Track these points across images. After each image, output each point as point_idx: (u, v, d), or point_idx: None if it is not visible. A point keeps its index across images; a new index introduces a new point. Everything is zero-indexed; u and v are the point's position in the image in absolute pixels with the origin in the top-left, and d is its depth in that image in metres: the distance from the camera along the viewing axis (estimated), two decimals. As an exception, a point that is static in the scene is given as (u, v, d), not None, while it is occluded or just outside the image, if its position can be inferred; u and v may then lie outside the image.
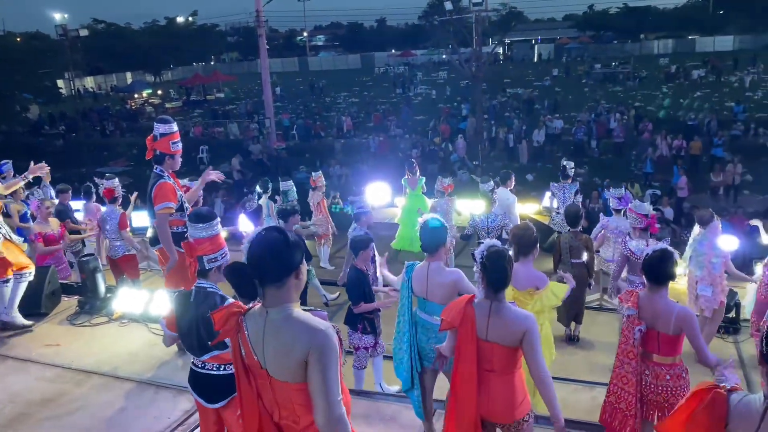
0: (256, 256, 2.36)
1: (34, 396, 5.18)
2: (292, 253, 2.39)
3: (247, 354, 2.48)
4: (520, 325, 3.20)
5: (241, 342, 2.49)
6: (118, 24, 57.56)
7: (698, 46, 57.57)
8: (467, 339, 3.29)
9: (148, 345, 6.11)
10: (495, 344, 3.25)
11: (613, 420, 3.76)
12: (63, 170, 23.65)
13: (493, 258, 3.25)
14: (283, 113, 32.70)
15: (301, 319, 2.38)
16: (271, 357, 2.40)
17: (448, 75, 49.62)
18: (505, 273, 3.25)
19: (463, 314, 3.30)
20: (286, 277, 2.38)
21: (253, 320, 2.46)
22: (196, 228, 3.56)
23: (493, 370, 3.29)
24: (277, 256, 2.36)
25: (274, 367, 2.41)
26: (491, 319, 3.25)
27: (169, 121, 5.43)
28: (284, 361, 2.36)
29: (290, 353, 2.33)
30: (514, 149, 23.30)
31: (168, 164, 5.41)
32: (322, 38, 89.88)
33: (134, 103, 43.11)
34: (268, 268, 2.35)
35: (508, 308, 3.28)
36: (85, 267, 6.96)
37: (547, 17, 78.59)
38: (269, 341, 2.39)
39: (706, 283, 5.88)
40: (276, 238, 2.38)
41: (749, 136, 22.91)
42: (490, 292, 3.27)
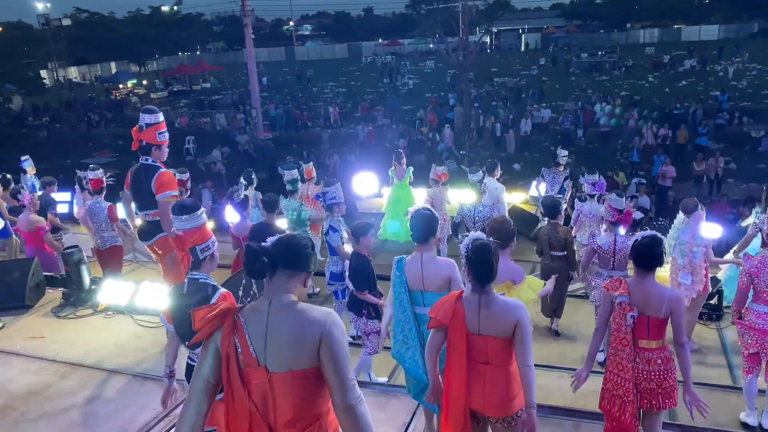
0: (283, 242, 2.48)
1: (18, 389, 5.15)
2: (311, 257, 2.54)
3: (244, 351, 2.44)
4: (512, 315, 3.20)
5: (239, 340, 2.45)
6: (101, 13, 56.79)
7: (684, 35, 57.85)
8: (458, 335, 3.27)
9: (133, 336, 6.10)
10: (489, 337, 3.24)
11: (612, 407, 3.81)
12: (47, 162, 23.45)
13: (479, 252, 3.23)
14: (269, 103, 32.53)
15: (307, 306, 2.48)
16: (275, 348, 2.40)
17: (435, 64, 49.55)
18: (491, 266, 3.23)
19: (452, 311, 3.26)
20: (300, 272, 2.49)
21: (252, 315, 2.46)
22: (180, 220, 3.54)
23: (488, 363, 3.29)
24: (301, 249, 2.50)
25: (278, 356, 2.40)
26: (482, 312, 3.23)
27: (155, 111, 5.38)
28: (294, 347, 2.38)
29: (302, 338, 2.37)
30: (502, 139, 23.34)
31: (155, 155, 5.36)
32: (309, 27, 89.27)
33: (119, 94, 42.73)
34: (288, 254, 2.46)
35: (498, 299, 3.26)
36: (69, 259, 6.92)
37: (534, 6, 78.57)
38: (274, 331, 2.40)
39: (686, 271, 5.94)
40: (304, 238, 2.55)
41: (733, 125, 23.10)
42: (477, 285, 3.25)
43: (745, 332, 4.60)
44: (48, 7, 34.83)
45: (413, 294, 4.13)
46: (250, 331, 2.43)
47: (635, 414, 3.70)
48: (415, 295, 4.13)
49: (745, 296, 4.61)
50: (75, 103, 36.12)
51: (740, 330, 4.66)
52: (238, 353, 2.45)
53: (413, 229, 4.11)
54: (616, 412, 3.77)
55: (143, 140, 5.32)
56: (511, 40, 65.95)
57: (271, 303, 2.44)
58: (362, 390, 2.54)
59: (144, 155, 5.36)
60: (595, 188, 7.47)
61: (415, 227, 4.09)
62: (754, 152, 20.25)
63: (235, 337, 2.45)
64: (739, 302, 4.64)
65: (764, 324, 4.47)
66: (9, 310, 6.68)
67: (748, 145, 20.80)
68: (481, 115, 26.05)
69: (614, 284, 3.79)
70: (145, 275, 7.75)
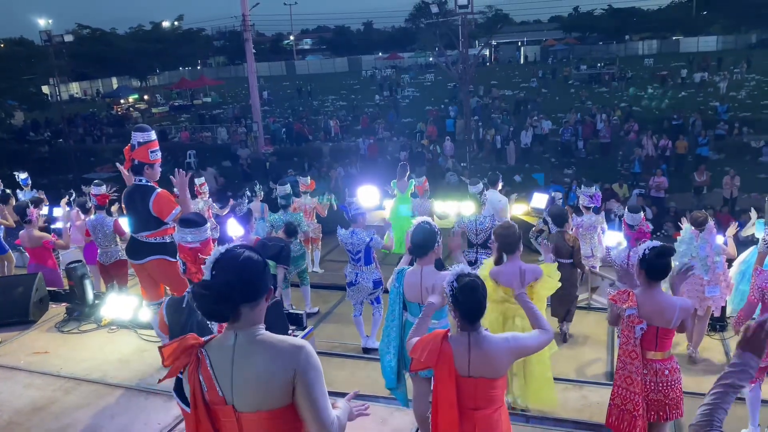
0: (230, 275, 2.17)
1: (22, 404, 5.13)
2: (267, 274, 2.29)
3: (210, 389, 2.22)
4: (506, 353, 3.03)
5: (203, 377, 2.23)
6: (103, 29, 57.05)
7: (682, 46, 58.08)
8: (445, 379, 3.01)
9: (137, 351, 6.08)
10: (479, 379, 3.00)
11: (621, 423, 3.76)
12: (49, 177, 23.52)
13: (467, 291, 2.99)
14: (270, 117, 32.64)
15: (277, 339, 2.22)
16: (242, 386, 2.18)
17: (435, 77, 49.75)
18: (480, 305, 3.00)
19: (438, 353, 2.99)
20: (261, 297, 2.25)
21: (217, 350, 2.24)
22: (184, 232, 3.56)
23: (478, 408, 3.05)
24: (253, 275, 2.21)
25: (244, 397, 2.18)
26: (472, 352, 2.99)
27: (146, 130, 5.35)
28: (264, 386, 2.15)
29: (272, 376, 2.14)
30: (502, 151, 23.40)
31: (148, 174, 5.32)
32: (309, 42, 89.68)
33: (120, 109, 42.91)
34: (242, 288, 2.18)
35: (489, 338, 3.03)
36: (72, 274, 6.92)
37: (533, 19, 79.00)
38: (241, 368, 2.18)
39: (713, 284, 5.94)
40: (250, 257, 2.24)
41: (733, 136, 23.16)
42: (466, 324, 3.02)
43: None
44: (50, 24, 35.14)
45: (411, 306, 4.21)
46: (214, 367, 2.21)
47: (645, 428, 3.68)
48: (412, 307, 4.20)
49: (754, 310, 4.60)
50: (76, 119, 36.29)
51: None
52: (203, 391, 2.24)
53: (412, 243, 4.14)
54: (625, 428, 3.73)
55: (135, 159, 5.28)
56: (510, 53, 66.24)
57: (236, 337, 2.20)
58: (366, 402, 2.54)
59: (136, 175, 5.31)
60: (592, 201, 7.54)
61: (414, 241, 4.13)
62: (755, 162, 20.29)
63: (200, 373, 2.24)
64: (746, 315, 4.61)
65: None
66: (13, 325, 6.67)
67: (748, 156, 20.85)
68: (481, 127, 26.14)
69: (622, 296, 3.75)
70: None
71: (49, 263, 7.50)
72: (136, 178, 5.35)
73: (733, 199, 16.06)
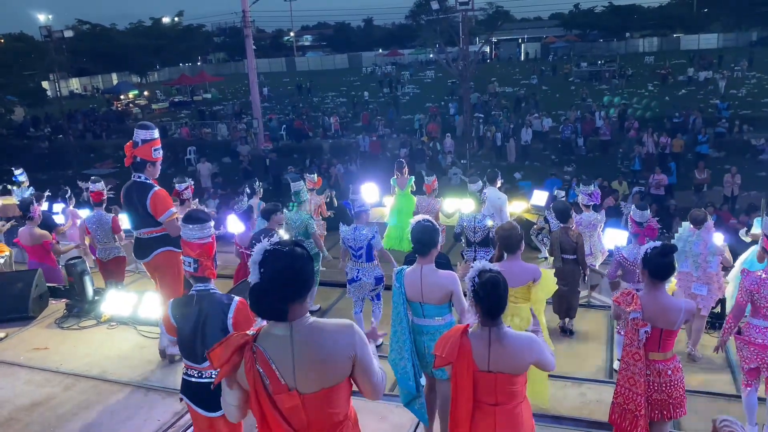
0: (284, 274, 2.30)
1: (22, 400, 5.15)
2: (313, 267, 2.43)
3: (272, 380, 2.34)
4: (528, 351, 3.01)
5: (263, 369, 2.34)
6: (103, 25, 57.04)
7: (683, 44, 58.01)
8: (464, 373, 3.03)
9: (137, 347, 6.09)
10: (499, 374, 3.00)
11: (623, 421, 3.79)
12: (49, 173, 23.52)
13: (489, 287, 2.99)
14: (270, 114, 32.61)
15: (326, 323, 2.42)
16: (306, 371, 2.34)
17: (435, 74, 49.71)
18: (501, 300, 3.02)
19: (459, 347, 3.02)
20: (311, 290, 2.43)
21: (273, 340, 2.36)
22: (191, 229, 3.55)
23: (498, 404, 3.04)
24: (304, 272, 2.35)
25: (308, 381, 2.35)
26: (492, 347, 3.00)
27: (150, 127, 5.35)
28: (328, 368, 2.35)
29: (334, 359, 2.35)
30: (502, 148, 23.39)
31: (149, 171, 5.33)
32: (309, 38, 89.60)
33: (120, 105, 42.85)
34: (295, 286, 2.33)
35: (510, 334, 3.04)
36: (72, 270, 6.92)
37: (534, 16, 78.91)
38: (302, 355, 2.33)
39: (701, 282, 5.93)
40: (300, 254, 2.35)
41: (734, 133, 23.16)
42: (487, 319, 3.04)
43: (744, 347, 4.54)
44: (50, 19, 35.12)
45: (413, 305, 4.15)
46: (273, 358, 2.33)
47: (646, 427, 3.69)
48: (414, 306, 4.14)
49: (743, 311, 4.57)
50: (76, 115, 36.25)
51: (739, 345, 4.61)
52: (265, 384, 2.35)
53: (413, 241, 4.11)
54: (627, 426, 3.74)
55: (138, 156, 5.28)
56: (510, 50, 66.16)
57: (292, 327, 2.35)
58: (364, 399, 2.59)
59: (137, 172, 5.33)
60: (591, 199, 7.56)
61: (414, 239, 4.10)
62: (755, 160, 20.29)
63: (258, 367, 2.34)
64: (735, 317, 4.59)
65: (764, 339, 4.42)
66: (13, 321, 6.69)
67: (748, 153, 20.85)
68: (482, 124, 26.13)
69: (626, 299, 3.73)
70: (148, 286, 7.75)
71: (48, 260, 7.50)
72: (136, 175, 5.35)
73: (734, 197, 16.05)
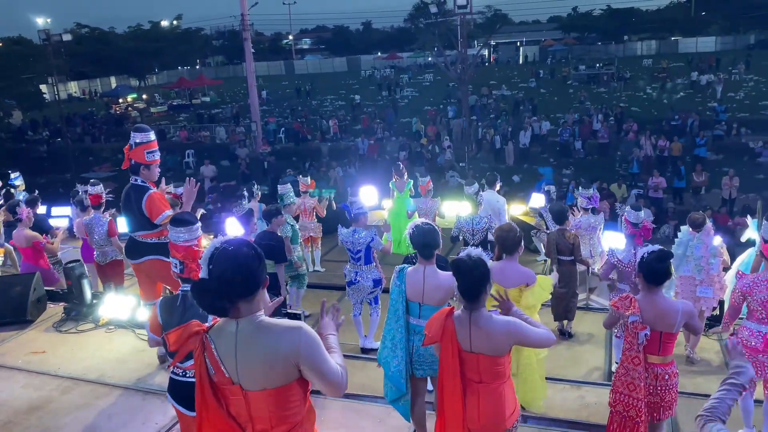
0: (227, 273, 2.28)
1: (20, 404, 5.13)
2: (263, 266, 2.38)
3: (217, 372, 2.38)
4: (504, 335, 3.13)
5: (209, 360, 2.39)
6: (101, 28, 57.13)
7: (681, 47, 58.15)
8: (449, 353, 3.20)
9: (135, 351, 6.08)
10: (480, 355, 3.16)
11: (623, 429, 3.76)
12: (47, 176, 23.50)
13: (464, 270, 3.12)
14: (269, 117, 32.63)
15: (275, 324, 2.36)
16: (247, 369, 2.33)
17: (434, 77, 49.75)
18: (473, 284, 3.12)
19: (443, 328, 3.19)
20: (257, 291, 2.36)
21: (221, 335, 2.38)
22: (178, 231, 3.60)
23: (482, 381, 3.21)
24: (249, 271, 2.32)
25: (250, 378, 2.34)
26: (472, 329, 3.14)
27: (145, 130, 5.36)
28: (269, 366, 2.31)
29: (275, 358, 2.30)
30: (501, 151, 23.42)
31: (144, 174, 5.34)
32: (308, 41, 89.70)
33: (119, 108, 42.85)
34: (239, 285, 2.30)
35: (488, 318, 3.15)
36: (70, 273, 6.91)
37: (532, 19, 79.05)
38: (244, 353, 2.33)
39: (706, 285, 5.94)
40: (246, 254, 2.33)
41: (731, 136, 23.19)
42: (465, 302, 3.18)
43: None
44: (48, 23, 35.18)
45: (411, 305, 4.16)
46: (219, 351, 2.36)
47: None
48: (412, 306, 4.15)
49: (737, 313, 4.62)
50: (75, 118, 36.24)
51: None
52: (210, 374, 2.40)
53: (414, 244, 4.12)
54: None
55: (132, 159, 5.30)
56: (509, 53, 66.27)
57: (238, 324, 2.34)
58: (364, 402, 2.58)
59: (133, 174, 5.34)
60: (591, 202, 7.58)
61: (415, 241, 4.11)
62: (753, 163, 20.32)
63: (206, 356, 2.39)
64: (731, 317, 4.65)
65: (757, 342, 4.43)
66: (10, 324, 6.67)
67: (746, 156, 20.89)
68: (480, 127, 26.15)
69: (624, 303, 3.73)
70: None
71: (41, 263, 7.45)
72: (133, 178, 5.35)
73: (732, 199, 16.07)
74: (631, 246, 5.81)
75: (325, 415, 4.57)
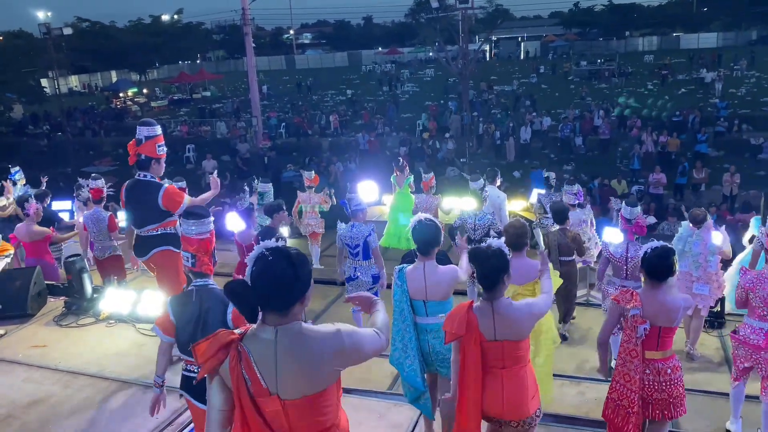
0: (262, 287, 2.25)
1: (20, 398, 5.14)
2: (301, 283, 2.30)
3: (254, 382, 2.28)
4: (528, 317, 3.32)
5: (245, 371, 2.28)
6: (102, 22, 57.02)
7: (683, 43, 58.02)
8: (472, 344, 3.30)
9: (135, 345, 6.09)
10: (505, 341, 3.30)
11: (616, 416, 3.78)
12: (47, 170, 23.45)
13: (483, 257, 3.27)
14: (270, 112, 32.58)
15: (315, 330, 2.34)
16: (288, 377, 2.27)
17: (435, 73, 49.68)
18: (491, 272, 3.26)
19: (466, 322, 3.28)
20: (292, 306, 2.30)
21: (258, 343, 2.30)
22: (189, 224, 3.60)
23: (505, 367, 3.34)
24: (285, 288, 2.26)
25: (290, 387, 2.28)
26: (496, 318, 3.27)
27: (152, 124, 5.33)
28: (310, 376, 2.28)
29: (321, 363, 2.29)
30: (501, 146, 23.38)
31: (154, 169, 5.32)
32: (309, 36, 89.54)
33: (119, 102, 42.82)
34: (273, 299, 2.27)
35: (508, 305, 3.30)
36: (71, 267, 6.91)
37: (534, 15, 78.94)
38: (286, 361, 2.26)
39: (703, 282, 5.94)
40: (284, 271, 2.25)
41: (733, 132, 23.15)
42: (485, 292, 3.32)
43: (739, 346, 4.58)
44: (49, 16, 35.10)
45: (415, 304, 4.11)
46: (257, 361, 2.28)
47: (639, 425, 3.69)
48: (417, 304, 4.11)
49: (745, 306, 4.62)
50: (75, 112, 36.20)
51: (734, 344, 4.65)
52: (248, 385, 2.29)
53: (416, 240, 4.09)
54: (619, 422, 3.75)
55: (142, 154, 5.26)
56: (510, 49, 66.16)
57: (277, 332, 2.28)
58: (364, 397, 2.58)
59: (141, 170, 5.30)
60: (577, 197, 7.67)
61: (417, 238, 4.07)
62: (754, 159, 20.29)
63: (242, 367, 2.29)
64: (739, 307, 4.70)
65: (758, 339, 4.44)
66: (11, 318, 6.68)
67: (747, 153, 20.85)
68: (481, 122, 26.11)
69: (626, 296, 3.73)
70: (147, 284, 7.75)
71: (47, 258, 7.49)
72: (140, 173, 5.32)
73: (733, 196, 16.04)
74: (624, 241, 5.81)
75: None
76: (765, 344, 4.41)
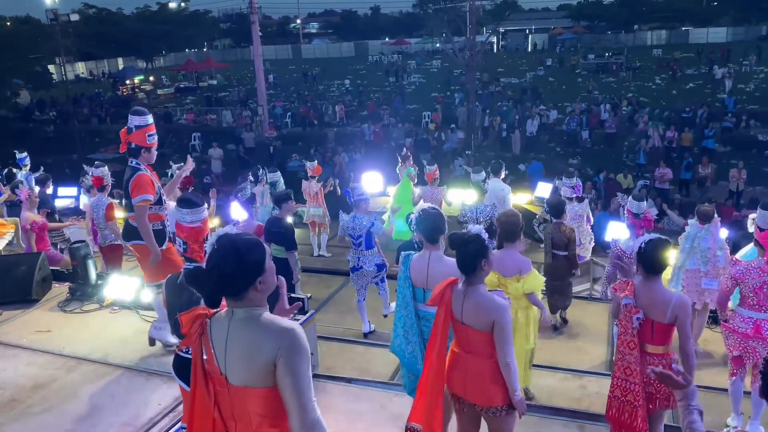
0: (209, 274, 2.30)
1: (24, 382, 5.18)
2: (247, 269, 2.28)
3: (209, 359, 2.38)
4: (490, 314, 3.31)
5: (204, 346, 2.39)
6: (109, 9, 56.98)
7: (692, 37, 57.58)
8: (441, 317, 3.46)
9: (139, 332, 6.11)
10: (469, 328, 3.39)
11: (621, 414, 3.73)
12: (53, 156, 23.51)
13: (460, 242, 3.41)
14: (276, 101, 32.54)
15: (268, 320, 2.31)
16: (233, 359, 2.30)
17: (441, 64, 49.47)
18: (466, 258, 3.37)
19: (442, 294, 3.44)
20: (244, 292, 2.30)
21: (218, 322, 2.37)
22: (183, 212, 3.63)
23: (471, 352, 3.44)
24: (228, 275, 2.27)
25: (235, 370, 2.31)
26: (465, 302, 3.38)
27: (144, 113, 5.34)
28: (249, 362, 2.26)
29: (256, 354, 2.24)
30: (507, 139, 23.32)
31: (144, 157, 5.32)
32: (316, 26, 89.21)
33: (126, 90, 42.81)
34: (222, 285, 2.30)
35: (482, 294, 3.37)
36: (76, 254, 6.95)
37: (542, 7, 78.43)
38: (233, 342, 2.30)
39: (711, 277, 5.94)
40: (226, 258, 2.27)
41: (740, 128, 23.02)
42: (463, 276, 3.42)
43: (729, 335, 4.68)
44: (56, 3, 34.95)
45: (417, 291, 4.15)
46: (213, 338, 2.36)
47: (646, 418, 3.67)
48: (418, 292, 4.14)
49: (727, 299, 4.72)
50: (82, 99, 36.23)
51: (724, 333, 4.76)
52: (203, 359, 2.40)
53: (421, 229, 4.10)
54: (626, 419, 3.71)
55: (132, 142, 5.27)
56: (518, 41, 65.76)
57: (233, 314, 2.33)
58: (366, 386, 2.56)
59: (132, 158, 5.31)
60: (574, 191, 7.69)
61: (422, 227, 4.09)
62: (761, 155, 20.19)
63: (202, 342, 2.40)
64: (720, 304, 4.76)
65: (747, 328, 4.53)
66: (16, 303, 6.71)
67: (755, 149, 20.74)
68: (487, 115, 26.03)
69: (621, 285, 3.78)
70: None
71: (40, 246, 7.48)
72: (131, 161, 5.34)
73: (739, 192, 15.98)
74: (633, 236, 5.80)
75: (324, 400, 4.58)
76: (753, 333, 4.50)
